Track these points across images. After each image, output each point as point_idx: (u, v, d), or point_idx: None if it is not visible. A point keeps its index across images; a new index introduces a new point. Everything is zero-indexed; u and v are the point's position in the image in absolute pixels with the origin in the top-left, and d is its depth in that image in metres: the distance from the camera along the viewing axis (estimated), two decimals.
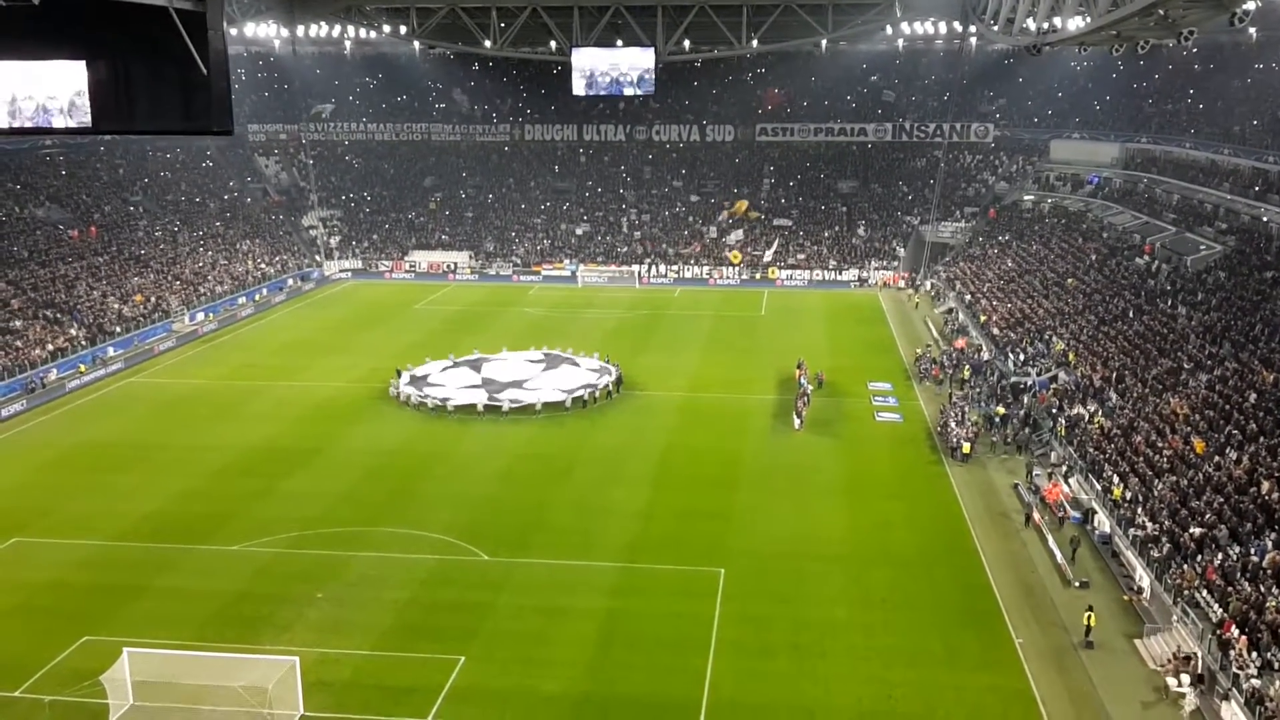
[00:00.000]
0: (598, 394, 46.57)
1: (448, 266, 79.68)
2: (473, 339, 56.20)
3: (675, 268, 78.61)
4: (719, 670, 24.57)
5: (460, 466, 38.71)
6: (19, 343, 50.63)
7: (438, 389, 46.87)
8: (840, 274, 76.95)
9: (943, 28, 68.58)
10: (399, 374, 48.48)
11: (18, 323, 52.56)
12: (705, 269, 78.30)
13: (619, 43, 66.69)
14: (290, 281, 74.02)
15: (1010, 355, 48.93)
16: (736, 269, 77.95)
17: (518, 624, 26.98)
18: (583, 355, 52.14)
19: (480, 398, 45.69)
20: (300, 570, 29.98)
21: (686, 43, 68.01)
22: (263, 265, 73.95)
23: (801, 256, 79.07)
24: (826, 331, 61.29)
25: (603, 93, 72.22)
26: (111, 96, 13.91)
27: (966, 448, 38.96)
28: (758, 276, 77.18)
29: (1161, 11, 31.69)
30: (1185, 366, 38.98)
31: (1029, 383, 44.75)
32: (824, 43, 72.76)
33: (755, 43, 64.87)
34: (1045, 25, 41.69)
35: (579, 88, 69.21)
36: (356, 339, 58.69)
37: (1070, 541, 31.37)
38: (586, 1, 64.35)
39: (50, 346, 51.36)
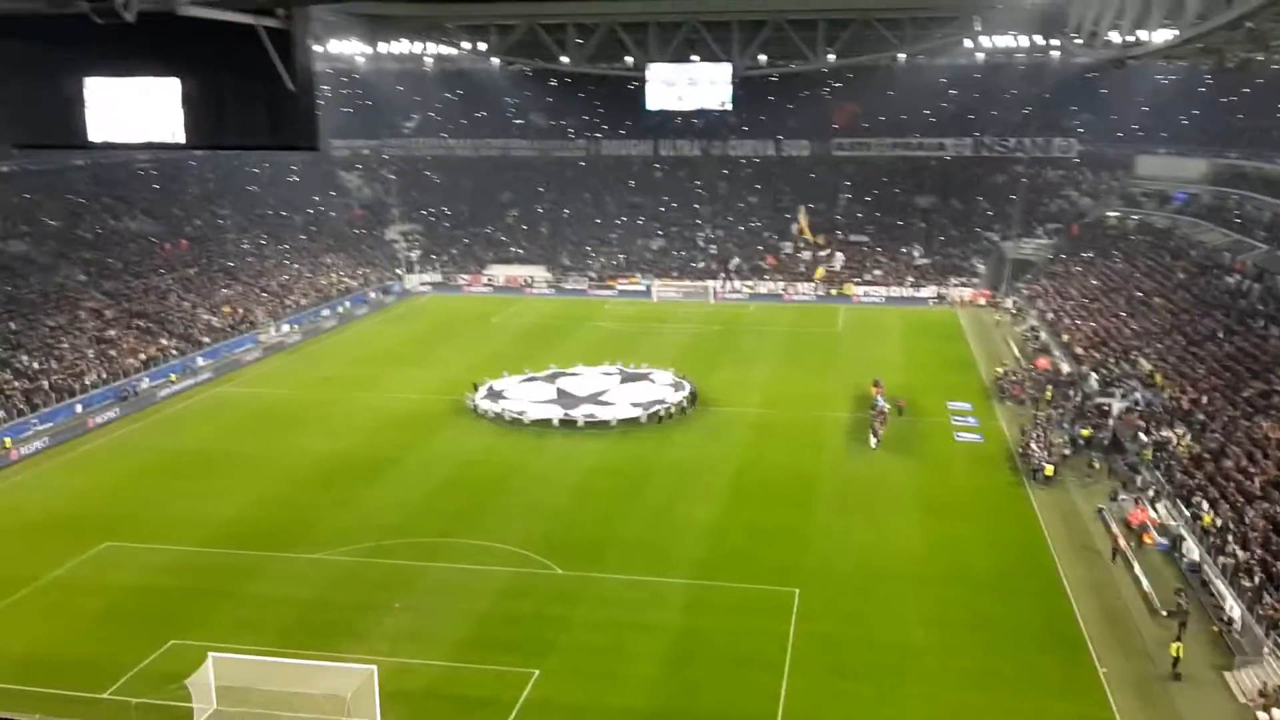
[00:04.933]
0: (672, 409, 46.62)
1: (524, 280, 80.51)
2: (548, 352, 56.68)
3: (750, 283, 78.40)
4: (794, 690, 24.38)
5: (535, 479, 39.02)
6: (113, 352, 52.40)
7: (514, 402, 47.35)
8: (918, 290, 75.99)
9: (1024, 41, 67.49)
10: (475, 387, 49.09)
11: (112, 332, 54.41)
12: (780, 284, 77.95)
13: (695, 58, 66.89)
14: (372, 294, 75.40)
15: (1094, 376, 47.83)
16: (813, 285, 77.43)
17: (592, 638, 27.09)
18: (658, 370, 52.27)
19: (556, 412, 46.04)
20: (378, 579, 30.47)
21: (762, 57, 67.96)
22: (345, 278, 75.49)
23: (878, 273, 78.31)
24: (904, 349, 60.56)
25: (678, 108, 72.60)
26: (203, 113, 14.21)
27: (1049, 470, 38.16)
28: (833, 292, 76.58)
29: (1250, 25, 30.88)
30: (1278, 389, 37.74)
31: (1113, 404, 43.69)
32: (901, 56, 72.13)
33: (831, 57, 64.56)
34: (1130, 38, 40.85)
35: (654, 103, 69.64)
36: (435, 351, 59.58)
37: (1160, 569, 30.53)
38: (663, 17, 64.74)
39: (143, 356, 53.06)
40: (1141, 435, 39.69)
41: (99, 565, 31.77)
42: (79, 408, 46.93)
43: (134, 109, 14.17)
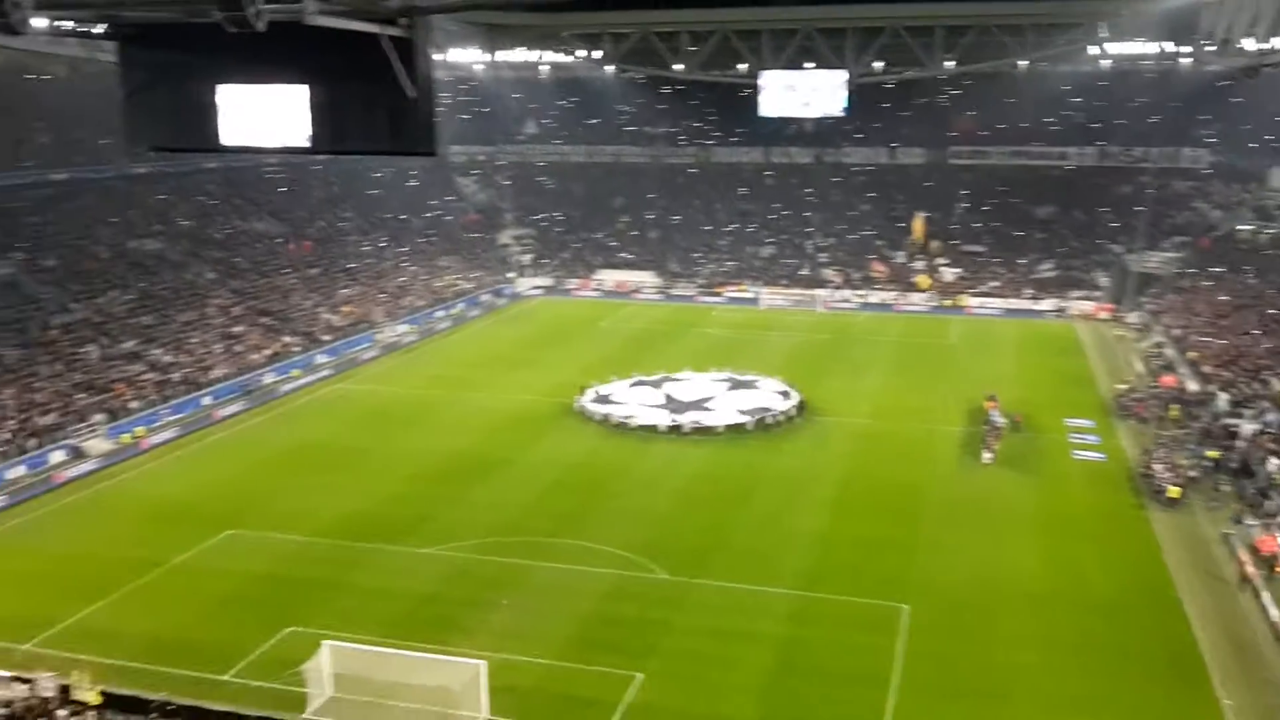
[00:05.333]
0: (780, 417, 46.37)
1: (633, 286, 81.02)
2: (655, 358, 56.95)
3: (860, 292, 77.43)
4: (900, 708, 23.98)
5: (641, 483, 39.24)
6: (239, 347, 54.56)
7: (621, 406, 47.70)
8: (1037, 303, 73.97)
9: (1152, 48, 65.16)
10: (583, 390, 49.61)
11: (239, 328, 56.65)
12: (891, 293, 76.79)
13: (809, 65, 66.47)
14: (484, 297, 76.81)
15: (1223, 396, 45.87)
16: (925, 295, 76.09)
17: (695, 644, 27.11)
18: (765, 378, 52.05)
19: (663, 417, 46.24)
20: (487, 576, 31.05)
21: (878, 64, 67.15)
22: (460, 281, 77.09)
23: (995, 284, 76.52)
24: (1020, 362, 59.02)
25: (791, 115, 72.17)
26: (329, 119, 14.65)
27: (1173, 492, 36.71)
28: (947, 303, 75.08)
29: None
30: None
31: (1243, 426, 41.83)
32: (1022, 62, 70.38)
33: (950, 64, 63.45)
34: (1265, 46, 39.14)
35: (767, 110, 69.39)
36: (544, 354, 60.40)
37: None
38: (776, 24, 64.56)
39: (267, 352, 55.13)
40: (1272, 459, 37.91)
41: (222, 552, 33.08)
42: (206, 400, 48.99)
43: (263, 114, 14.79)
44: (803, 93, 67.94)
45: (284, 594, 29.90)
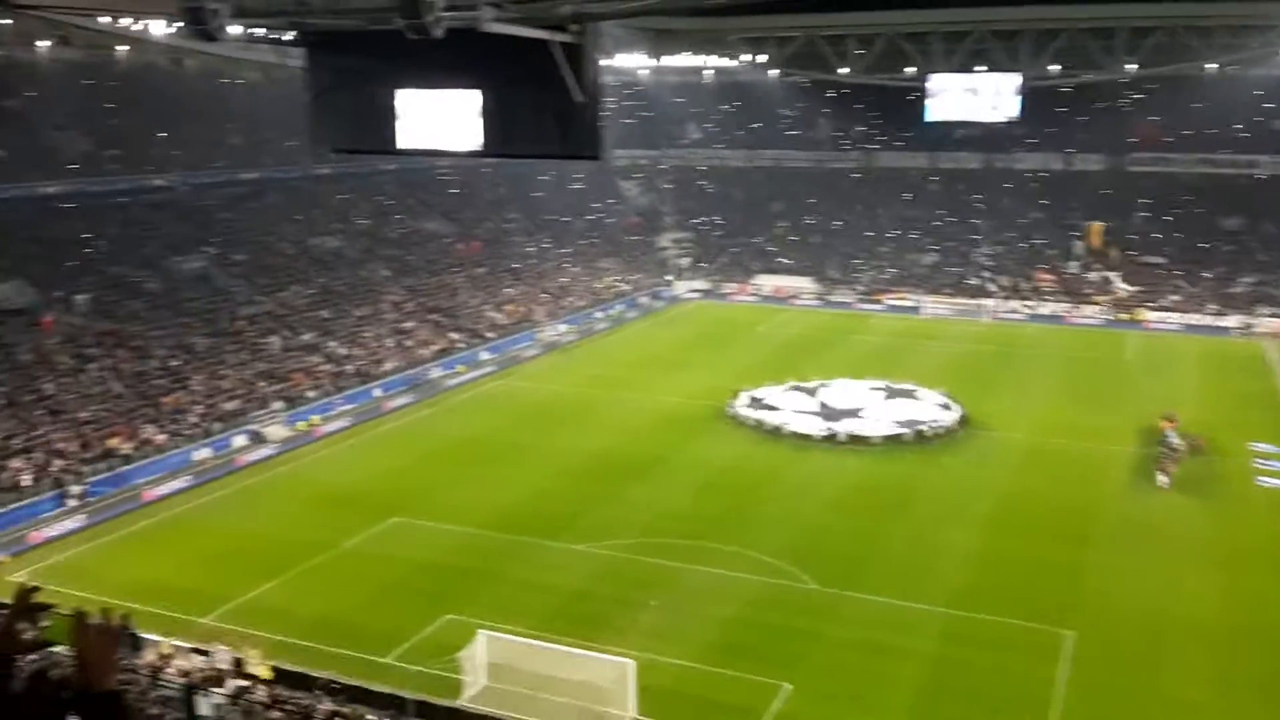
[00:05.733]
0: (940, 430, 45.22)
1: (790, 291, 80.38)
2: (811, 364, 56.33)
3: (1029, 303, 74.64)
4: None
5: (793, 490, 38.93)
6: (409, 342, 56.81)
7: (774, 412, 47.43)
8: (1221, 319, 69.73)
9: None
10: (737, 394, 49.54)
11: (409, 324, 58.99)
12: (1063, 306, 73.74)
13: (980, 67, 64.58)
14: (642, 299, 77.62)
15: None
16: (1099, 307, 72.78)
17: (843, 657, 26.76)
18: (925, 389, 50.84)
19: (816, 424, 45.74)
20: (637, 575, 31.40)
21: (1054, 67, 64.65)
22: (619, 282, 78.15)
23: (1175, 298, 72.56)
24: (1200, 381, 55.73)
25: (960, 119, 70.26)
26: (499, 123, 15.08)
27: None
28: (1122, 317, 71.61)
29: None
30: None
31: None
32: (1211, 66, 66.52)
33: (1132, 66, 60.55)
34: None
35: (935, 114, 67.78)
36: (700, 357, 60.59)
37: None
38: (948, 27, 62.99)
39: (435, 347, 57.23)
40: None
41: (387, 539, 34.52)
42: (377, 392, 51.18)
43: (438, 119, 15.37)
44: (973, 96, 66.09)
45: (444, 582, 30.97)
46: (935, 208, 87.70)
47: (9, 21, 35.30)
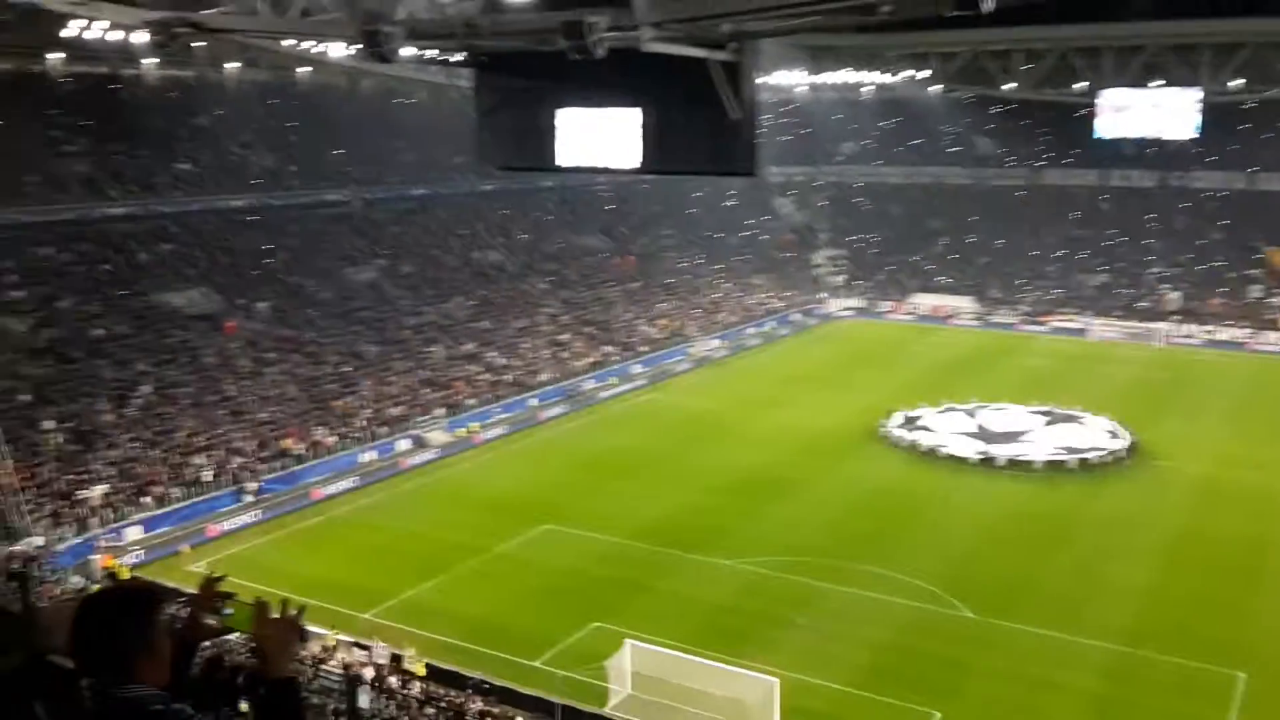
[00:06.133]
0: (1106, 458, 43.26)
1: (949, 311, 78.33)
2: (969, 386, 54.70)
3: (1206, 327, 70.60)
4: None
5: (948, 515, 37.91)
6: (565, 354, 57.99)
7: (929, 433, 46.30)
8: None
9: None
10: (890, 414, 48.56)
11: (565, 336, 60.21)
12: (1245, 331, 69.45)
13: (1156, 82, 61.66)
14: (795, 316, 77.02)
15: None
16: None
17: (999, 689, 25.91)
18: (1090, 414, 48.70)
19: (974, 447, 44.43)
20: (783, 593, 31.15)
21: (1237, 81, 61.16)
22: (771, 299, 77.79)
23: None
24: None
25: (1133, 136, 67.23)
26: (657, 140, 15.35)
27: None
28: None
29: None
30: None
31: None
32: None
33: None
34: None
35: (1106, 130, 65.10)
36: (851, 376, 59.68)
37: None
38: (1120, 41, 60.39)
39: (589, 360, 58.24)
40: None
41: (539, 545, 35.28)
42: (533, 402, 52.38)
43: (597, 136, 15.75)
44: (1148, 112, 63.22)
45: (592, 590, 31.44)
46: (1105, 227, 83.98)
47: (203, 44, 37.99)
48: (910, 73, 72.21)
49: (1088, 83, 65.15)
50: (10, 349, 41.09)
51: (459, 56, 19.64)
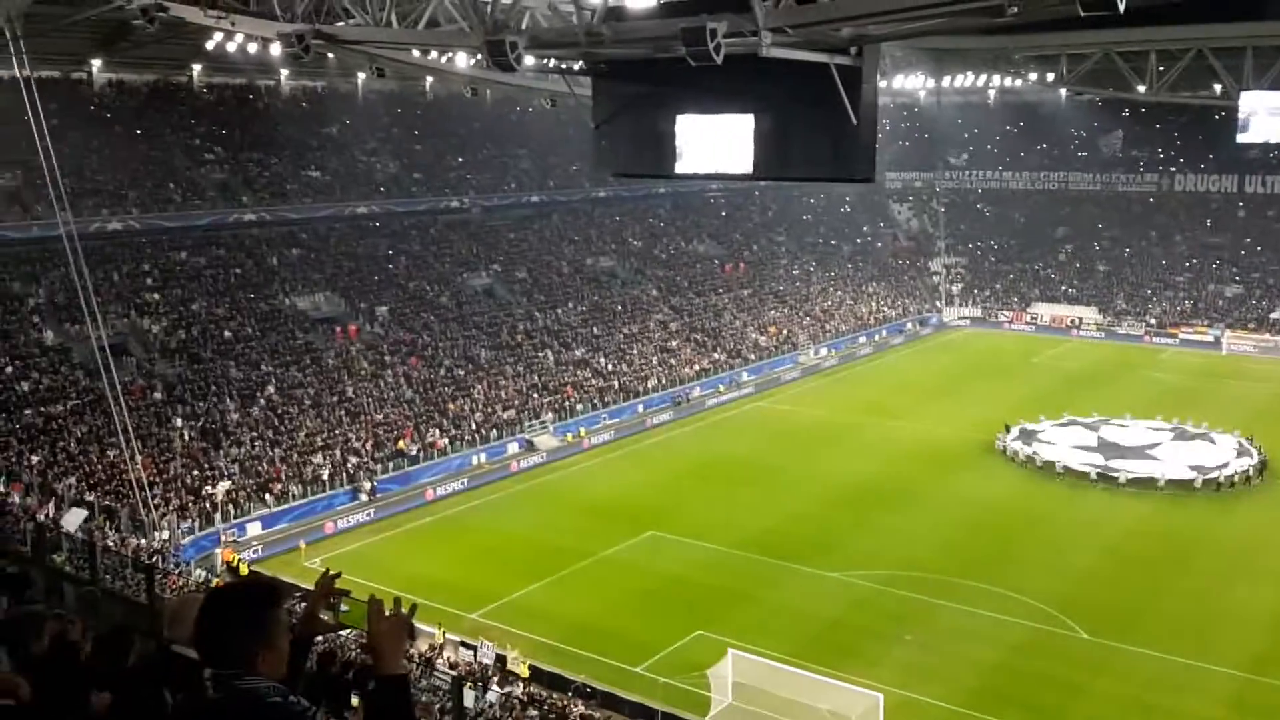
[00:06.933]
0: (1235, 477, 41.40)
1: (1071, 321, 75.89)
2: (1091, 399, 52.89)
3: None
4: None
5: (1064, 533, 36.80)
6: (673, 360, 58.18)
7: (1049, 447, 44.98)
8: None
9: None
10: (1008, 428, 47.34)
11: (674, 343, 60.41)
12: None
13: None
14: (909, 325, 75.75)
15: None
16: None
17: (1114, 715, 25.10)
18: (1219, 431, 46.63)
19: (1095, 462, 43.01)
20: (891, 608, 30.70)
21: None
22: (885, 307, 76.65)
23: None
24: None
25: (1276, 140, 64.04)
26: (771, 146, 15.27)
27: None
28: None
29: None
30: None
31: None
32: None
33: None
34: None
35: (1249, 134, 62.16)
36: (967, 387, 58.37)
37: None
38: (1263, 41, 57.60)
39: (697, 367, 58.31)
40: None
41: (644, 550, 35.49)
42: (640, 408, 52.73)
43: (713, 143, 15.79)
44: None
45: (696, 598, 31.48)
46: (1242, 236, 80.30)
47: (332, 56, 39.35)
48: (1037, 75, 70.21)
49: (1227, 85, 62.36)
50: (145, 349, 43.25)
51: (578, 65, 19.96)
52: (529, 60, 21.08)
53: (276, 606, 3.82)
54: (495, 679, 24.91)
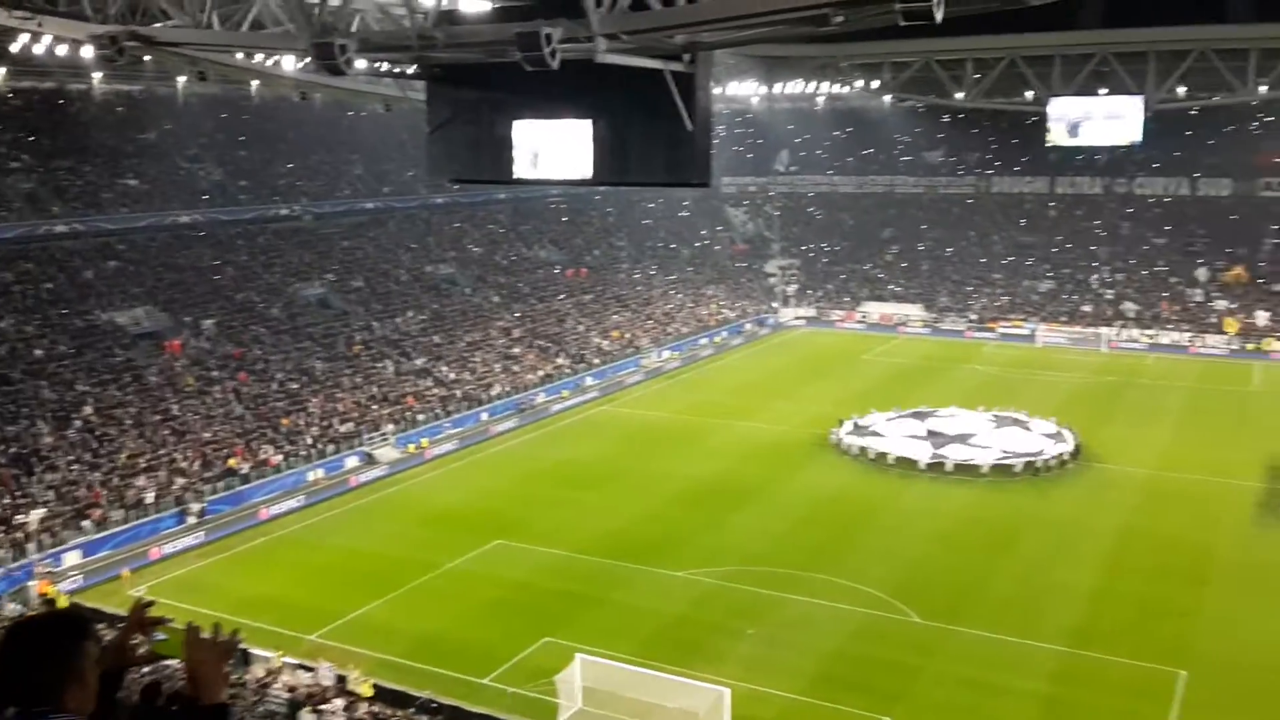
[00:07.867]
0: (1051, 461, 43.97)
1: (898, 319, 79.20)
2: (919, 393, 55.30)
3: (1149, 332, 72.01)
4: None
5: (897, 522, 38.29)
6: (516, 367, 57.81)
7: (879, 439, 46.75)
8: None
9: None
10: (841, 422, 48.97)
11: (517, 350, 60.04)
12: (1186, 335, 70.93)
13: (1102, 91, 62.93)
14: (747, 326, 77.46)
15: None
16: (1225, 338, 69.76)
17: (947, 694, 26.15)
18: (1036, 419, 49.47)
19: (923, 450, 44.93)
20: (736, 604, 31.25)
21: (1181, 89, 62.53)
22: (724, 309, 78.19)
23: None
24: None
25: (1081, 143, 68.41)
26: (610, 151, 15.39)
27: None
28: (1249, 348, 68.50)
29: None
30: None
31: None
32: None
33: (1264, 89, 58.24)
34: None
35: (1055, 138, 66.21)
36: (803, 385, 60.11)
37: None
38: (1069, 50, 61.45)
39: (541, 373, 58.09)
40: None
41: (490, 560, 35.08)
42: (484, 415, 52.14)
43: (550, 148, 15.79)
44: (1095, 120, 64.35)
45: (543, 605, 31.32)
46: (1053, 234, 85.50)
47: (149, 58, 37.49)
48: (863, 82, 72.92)
49: (1038, 91, 66.18)
50: None
51: (412, 69, 19.61)
52: (360, 64, 20.54)
53: (84, 639, 3.63)
54: (334, 699, 24.15)
